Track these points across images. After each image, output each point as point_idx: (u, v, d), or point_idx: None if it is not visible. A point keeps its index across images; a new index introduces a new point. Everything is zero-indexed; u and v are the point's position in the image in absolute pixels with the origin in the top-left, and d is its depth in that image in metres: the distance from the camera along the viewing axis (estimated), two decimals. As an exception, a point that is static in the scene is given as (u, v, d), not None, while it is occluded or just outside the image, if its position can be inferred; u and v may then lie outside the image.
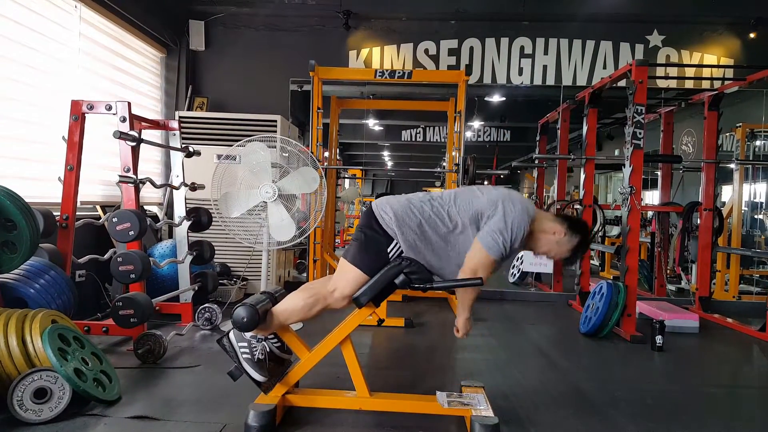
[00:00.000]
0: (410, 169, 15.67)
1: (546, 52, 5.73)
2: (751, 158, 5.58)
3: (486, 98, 6.99)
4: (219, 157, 3.87)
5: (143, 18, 4.88)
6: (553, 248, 2.13)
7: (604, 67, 5.70)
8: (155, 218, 4.71)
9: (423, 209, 2.08)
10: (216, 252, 4.03)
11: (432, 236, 2.05)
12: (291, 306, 2.11)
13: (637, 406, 2.49)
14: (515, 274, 6.00)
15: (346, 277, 2.08)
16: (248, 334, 2.12)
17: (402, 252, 2.06)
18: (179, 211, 3.80)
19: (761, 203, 5.88)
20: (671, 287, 5.49)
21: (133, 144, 3.12)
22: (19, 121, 3.47)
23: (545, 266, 5.31)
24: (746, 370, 3.34)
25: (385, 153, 15.46)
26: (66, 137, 3.18)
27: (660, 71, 5.71)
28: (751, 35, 5.60)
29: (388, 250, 2.05)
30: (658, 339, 3.44)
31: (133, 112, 3.17)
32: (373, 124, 10.07)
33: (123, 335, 3.17)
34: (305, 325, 3.65)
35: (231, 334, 2.14)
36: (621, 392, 2.66)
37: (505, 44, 5.74)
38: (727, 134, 5.77)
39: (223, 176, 3.54)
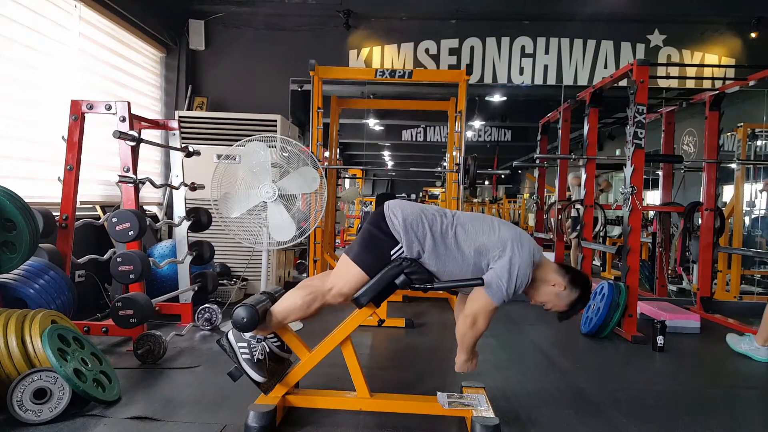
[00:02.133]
0: (411, 169, 15.69)
1: (547, 52, 5.73)
2: (752, 158, 5.57)
3: (487, 98, 7.00)
4: (219, 156, 3.86)
5: (143, 17, 4.88)
6: (552, 300, 2.11)
7: (605, 67, 5.70)
8: (155, 218, 4.71)
9: (434, 222, 2.05)
10: (216, 252, 4.02)
11: (435, 248, 2.03)
12: (289, 304, 2.10)
13: (638, 407, 2.48)
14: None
15: (346, 275, 2.06)
16: (247, 334, 2.11)
17: (405, 252, 2.03)
18: (179, 211, 3.80)
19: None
20: (672, 287, 5.48)
21: (133, 144, 3.11)
22: (19, 120, 3.47)
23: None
24: (747, 371, 3.33)
25: (386, 153, 15.47)
26: (65, 137, 3.17)
27: (661, 71, 5.70)
28: (753, 35, 5.59)
29: (392, 252, 2.03)
30: (660, 339, 3.44)
31: (132, 111, 3.16)
32: (373, 123, 10.07)
33: (123, 336, 3.17)
34: (305, 325, 3.65)
35: (230, 335, 2.13)
36: (622, 393, 2.65)
37: (506, 44, 5.73)
38: (729, 134, 5.76)
39: (222, 176, 3.53)
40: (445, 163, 8.68)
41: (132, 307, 2.82)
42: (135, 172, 3.14)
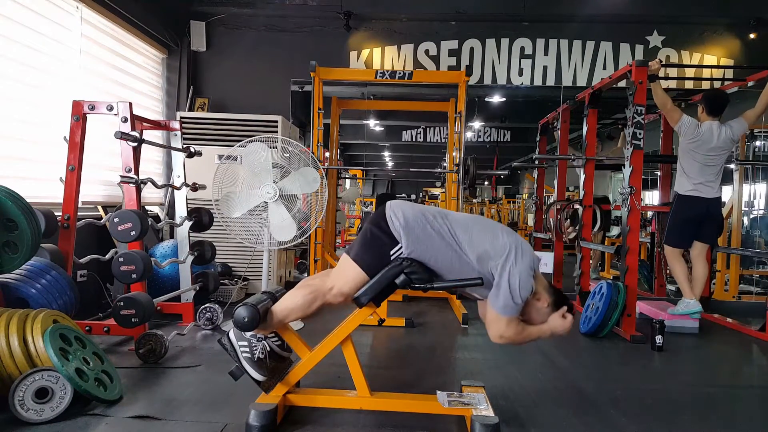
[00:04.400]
0: (411, 169, 15.73)
1: (546, 53, 5.74)
2: (750, 159, 5.58)
3: (486, 99, 7.02)
4: (220, 157, 3.88)
5: (144, 19, 4.89)
6: (532, 313, 2.09)
7: (604, 68, 5.71)
8: (156, 218, 4.71)
9: (434, 223, 2.05)
10: (217, 252, 4.04)
11: (436, 248, 2.03)
12: (290, 303, 2.11)
13: (637, 406, 2.50)
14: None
15: (346, 274, 2.07)
16: (248, 333, 2.13)
17: (405, 252, 2.03)
18: (180, 211, 3.82)
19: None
20: (671, 287, 5.49)
21: (135, 144, 3.13)
22: (21, 121, 3.48)
23: (545, 266, 5.32)
24: (746, 370, 3.35)
25: (386, 153, 15.50)
26: (67, 138, 3.19)
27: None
28: (751, 35, 5.60)
29: (391, 252, 2.04)
30: (658, 339, 3.45)
31: (134, 112, 3.18)
32: (373, 124, 10.09)
33: (124, 335, 3.18)
34: (306, 324, 3.66)
35: (231, 334, 2.14)
36: (621, 392, 2.67)
37: (506, 45, 5.75)
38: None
39: (224, 176, 3.55)
40: (444, 164, 8.68)
41: (133, 306, 2.84)
42: (137, 172, 3.15)
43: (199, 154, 3.84)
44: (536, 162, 6.23)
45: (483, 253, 2.00)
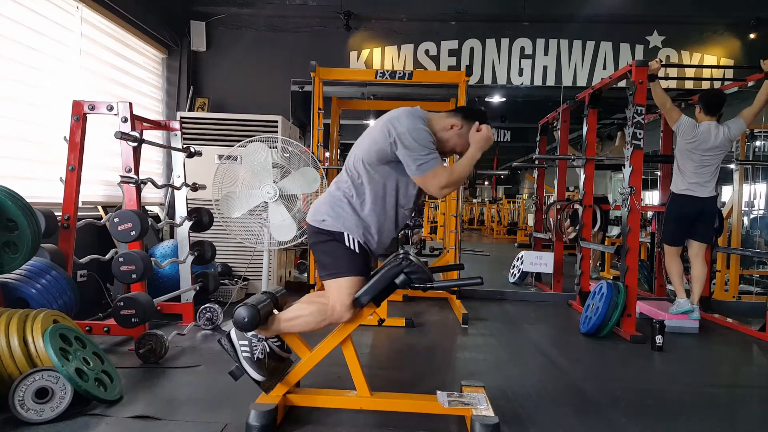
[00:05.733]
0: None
1: (546, 53, 5.74)
2: (750, 159, 5.58)
3: (486, 99, 7.01)
4: (220, 157, 3.89)
5: (144, 19, 4.89)
6: (458, 141, 2.14)
7: (604, 68, 5.71)
8: (157, 218, 4.73)
9: (339, 187, 2.11)
10: (217, 252, 4.04)
11: (364, 203, 2.08)
12: (298, 318, 2.12)
13: (637, 406, 2.50)
14: (515, 275, 6.00)
15: (338, 290, 2.07)
16: (249, 333, 2.13)
17: (355, 236, 2.07)
18: (180, 211, 3.81)
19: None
20: (671, 287, 5.49)
21: (135, 144, 3.13)
22: (21, 121, 3.49)
23: (545, 266, 5.32)
24: (746, 370, 3.35)
25: (386, 153, 15.50)
26: (67, 138, 3.19)
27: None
28: (751, 36, 5.61)
29: (347, 244, 2.07)
30: (658, 339, 3.45)
31: (134, 112, 3.18)
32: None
33: (124, 335, 3.18)
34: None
35: (232, 333, 2.14)
36: (621, 392, 2.67)
37: (506, 45, 5.75)
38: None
39: (224, 176, 3.55)
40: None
41: (134, 306, 2.84)
42: (137, 172, 3.15)
43: (199, 154, 3.84)
44: (536, 162, 6.23)
45: (377, 152, 2.05)
